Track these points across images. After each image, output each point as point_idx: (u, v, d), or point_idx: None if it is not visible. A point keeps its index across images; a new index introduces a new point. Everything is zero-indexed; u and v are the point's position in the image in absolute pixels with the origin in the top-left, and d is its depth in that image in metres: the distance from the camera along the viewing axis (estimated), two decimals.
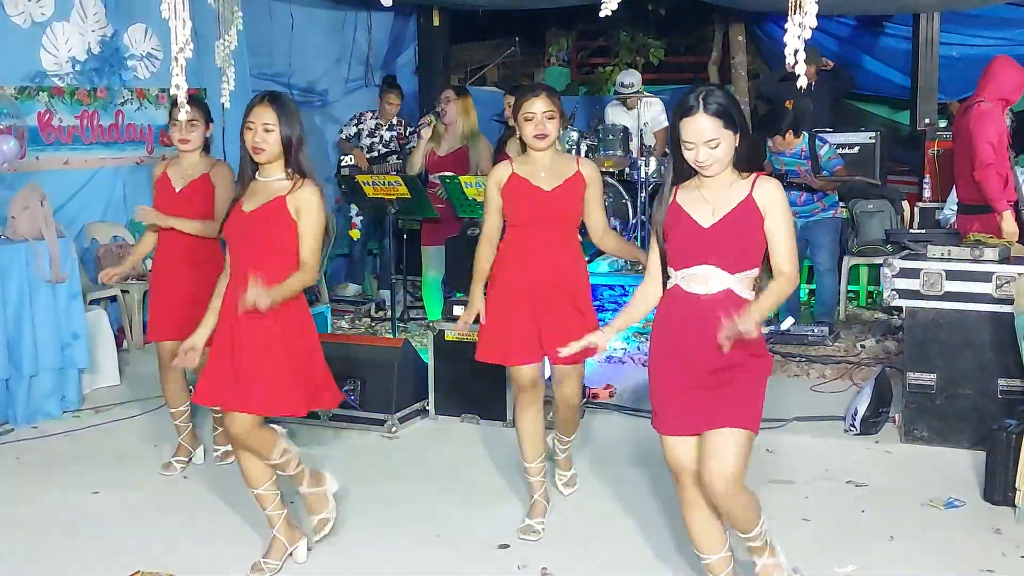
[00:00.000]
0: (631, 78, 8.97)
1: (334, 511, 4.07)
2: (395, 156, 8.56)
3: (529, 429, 4.22)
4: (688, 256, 3.19)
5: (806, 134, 7.39)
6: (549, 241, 4.10)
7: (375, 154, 8.55)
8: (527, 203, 4.10)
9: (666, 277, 3.26)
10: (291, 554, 3.90)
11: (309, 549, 3.96)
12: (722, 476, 3.13)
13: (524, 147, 4.17)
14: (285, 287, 3.66)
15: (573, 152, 7.96)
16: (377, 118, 8.65)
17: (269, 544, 3.88)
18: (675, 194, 3.25)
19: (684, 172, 3.22)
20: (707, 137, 3.09)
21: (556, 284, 4.10)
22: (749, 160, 3.19)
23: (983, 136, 5.68)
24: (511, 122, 4.94)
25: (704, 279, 3.16)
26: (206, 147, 4.83)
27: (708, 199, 3.19)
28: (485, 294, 4.22)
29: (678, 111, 3.15)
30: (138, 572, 3.79)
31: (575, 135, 8.23)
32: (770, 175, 7.46)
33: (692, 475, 3.25)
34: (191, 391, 4.42)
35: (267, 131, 3.70)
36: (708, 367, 3.16)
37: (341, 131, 8.77)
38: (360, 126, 8.64)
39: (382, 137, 8.61)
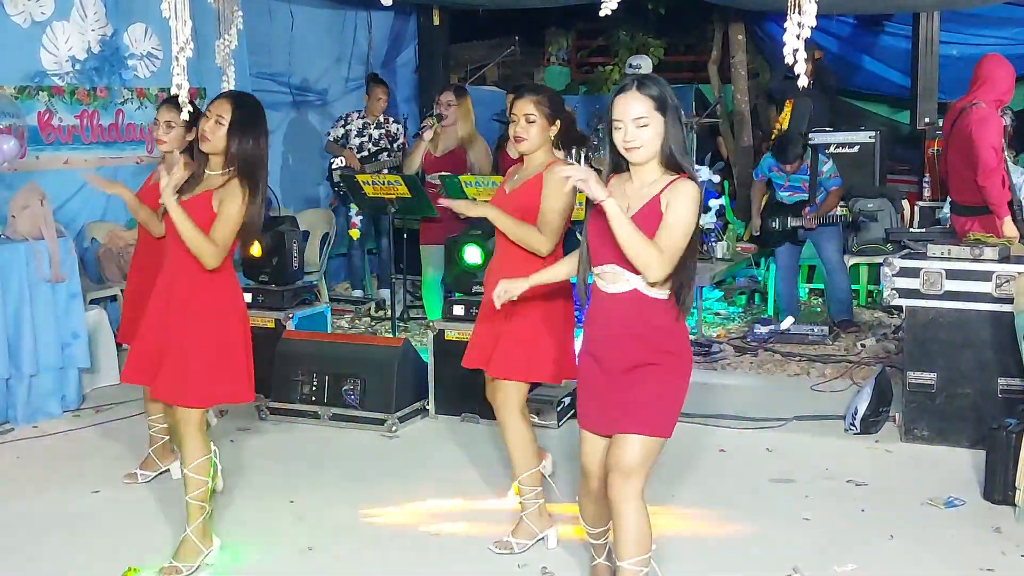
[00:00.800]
0: (639, 60, 8.92)
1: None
2: (386, 154, 8.54)
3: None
4: (599, 253, 3.12)
5: (810, 149, 7.42)
6: (508, 248, 3.95)
7: (365, 153, 8.52)
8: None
9: (587, 273, 3.20)
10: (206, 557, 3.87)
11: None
12: (618, 467, 3.10)
13: None
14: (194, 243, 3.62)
15: (570, 155, 7.94)
16: (364, 117, 8.60)
17: (179, 544, 3.86)
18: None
19: (618, 163, 3.13)
20: (635, 115, 3.00)
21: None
22: (674, 159, 3.03)
23: (986, 141, 5.57)
24: None
25: (613, 278, 3.10)
26: (190, 150, 4.53)
27: (628, 195, 3.10)
28: None
29: (613, 93, 3.09)
30: (129, 569, 3.79)
31: None
32: (767, 187, 7.62)
33: (596, 479, 3.27)
34: None
35: (218, 123, 3.68)
36: (620, 367, 3.11)
37: (328, 133, 8.73)
38: (347, 127, 8.58)
39: (371, 136, 8.57)
